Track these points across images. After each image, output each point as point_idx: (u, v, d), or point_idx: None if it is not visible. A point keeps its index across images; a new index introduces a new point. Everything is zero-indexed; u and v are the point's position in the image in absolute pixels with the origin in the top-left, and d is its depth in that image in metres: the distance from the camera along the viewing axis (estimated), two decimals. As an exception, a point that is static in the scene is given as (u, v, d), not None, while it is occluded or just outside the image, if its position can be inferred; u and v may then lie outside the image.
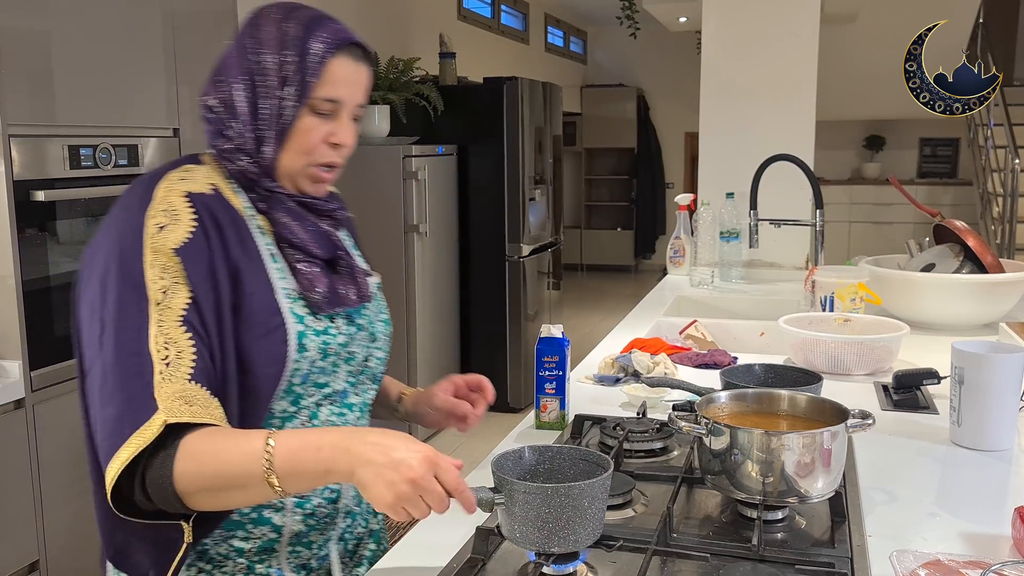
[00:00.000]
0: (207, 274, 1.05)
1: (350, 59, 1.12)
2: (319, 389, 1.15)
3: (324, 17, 1.14)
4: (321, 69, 1.10)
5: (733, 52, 3.32)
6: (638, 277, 10.06)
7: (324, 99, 1.11)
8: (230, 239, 1.09)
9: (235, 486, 0.97)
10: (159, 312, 1.01)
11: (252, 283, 1.09)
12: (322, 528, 1.17)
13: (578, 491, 0.95)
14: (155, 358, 1.00)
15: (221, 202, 1.11)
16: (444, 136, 4.89)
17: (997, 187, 7.12)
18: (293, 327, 1.10)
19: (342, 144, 1.15)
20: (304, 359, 1.11)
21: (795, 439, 1.08)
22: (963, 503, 1.25)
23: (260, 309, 1.08)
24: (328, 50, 1.10)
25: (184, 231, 1.05)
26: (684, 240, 3.20)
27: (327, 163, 1.15)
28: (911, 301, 2.30)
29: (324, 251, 1.16)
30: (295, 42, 1.10)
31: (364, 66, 1.15)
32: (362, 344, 1.21)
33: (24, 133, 2.22)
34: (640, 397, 1.63)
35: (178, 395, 0.99)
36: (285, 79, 1.09)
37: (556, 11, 9.12)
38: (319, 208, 1.18)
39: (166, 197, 1.07)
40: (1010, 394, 1.41)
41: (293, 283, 1.13)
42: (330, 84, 1.11)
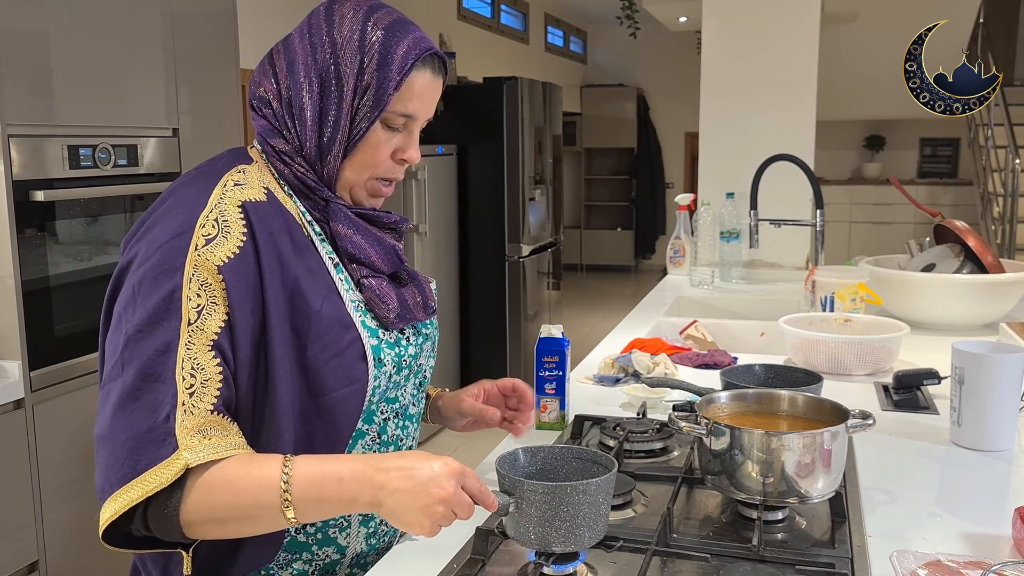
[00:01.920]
0: (251, 296, 0.97)
1: (430, 72, 1.06)
2: (390, 405, 1.11)
3: (405, 21, 1.06)
4: (402, 82, 1.03)
5: (733, 52, 3.32)
6: (638, 277, 10.06)
7: (399, 114, 1.05)
8: (286, 253, 1.01)
9: (246, 517, 0.92)
10: (190, 333, 0.94)
11: (316, 298, 1.01)
12: (380, 549, 1.15)
13: (595, 487, 0.95)
14: (180, 387, 0.92)
15: (276, 210, 1.03)
16: (444, 136, 4.89)
17: (997, 187, 7.12)
18: (368, 341, 1.04)
19: (411, 162, 1.10)
20: (382, 375, 1.06)
21: (795, 439, 1.08)
22: (963, 503, 1.25)
23: (330, 326, 1.01)
24: (411, 61, 1.03)
25: (232, 246, 0.97)
26: (684, 240, 3.19)
27: (392, 177, 1.10)
28: (911, 301, 2.29)
29: (390, 266, 1.11)
30: (376, 48, 1.01)
31: (441, 79, 1.09)
32: (428, 355, 1.18)
33: (23, 133, 2.22)
34: (640, 397, 1.63)
35: (198, 429, 0.92)
36: (362, 89, 1.02)
37: (556, 11, 9.11)
38: (381, 221, 1.11)
39: (219, 204, 0.99)
40: (1010, 394, 1.41)
41: (359, 295, 1.07)
42: (408, 99, 1.04)
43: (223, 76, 3.00)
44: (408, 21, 1.07)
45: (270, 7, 4.20)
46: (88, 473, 2.41)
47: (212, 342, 0.95)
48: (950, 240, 2.44)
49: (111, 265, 2.53)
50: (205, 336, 0.94)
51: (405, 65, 1.02)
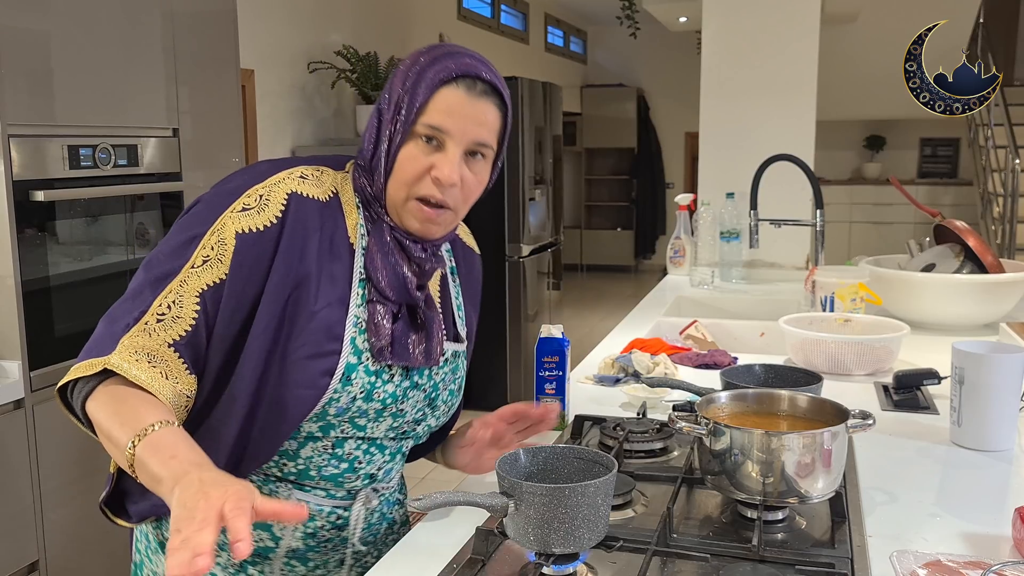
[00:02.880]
0: (254, 272, 1.04)
1: (466, 91, 1.08)
2: (355, 429, 1.12)
3: (462, 52, 1.10)
4: (430, 95, 1.06)
5: (733, 52, 3.32)
6: (638, 277, 10.06)
7: (427, 126, 1.07)
8: (312, 250, 1.06)
9: (108, 439, 0.98)
10: (187, 274, 1.03)
11: (322, 300, 1.06)
12: (322, 551, 1.16)
13: (594, 489, 0.95)
14: (152, 308, 1.02)
15: (329, 212, 1.10)
16: (444, 136, 4.88)
17: (997, 187, 7.12)
18: (346, 358, 1.07)
19: (442, 179, 1.07)
20: (345, 393, 1.08)
21: (795, 439, 1.08)
22: (963, 503, 1.25)
23: (321, 329, 1.06)
24: (441, 77, 1.07)
25: (260, 222, 1.05)
26: (684, 240, 3.19)
27: (426, 196, 1.09)
28: (911, 301, 2.29)
29: (397, 296, 1.12)
30: (418, 71, 1.08)
31: (487, 103, 1.10)
32: (416, 405, 1.17)
33: (24, 133, 2.22)
34: (640, 397, 1.63)
35: (146, 351, 1.00)
36: (400, 107, 1.07)
37: (556, 11, 9.12)
38: (410, 252, 1.13)
39: (274, 186, 1.07)
40: (1010, 394, 1.41)
41: (366, 314, 1.10)
42: (435, 111, 1.06)
43: (223, 76, 3.00)
44: (468, 54, 1.10)
45: (270, 7, 4.20)
46: (88, 473, 2.41)
47: (201, 291, 1.03)
48: (950, 240, 2.44)
49: (111, 265, 2.54)
50: (199, 282, 1.03)
51: (435, 81, 1.06)
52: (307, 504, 1.13)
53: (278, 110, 4.34)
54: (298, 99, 4.51)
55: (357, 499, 1.17)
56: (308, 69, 4.49)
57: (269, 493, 1.13)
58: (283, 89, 4.36)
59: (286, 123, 4.43)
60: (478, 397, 5.25)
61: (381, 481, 1.20)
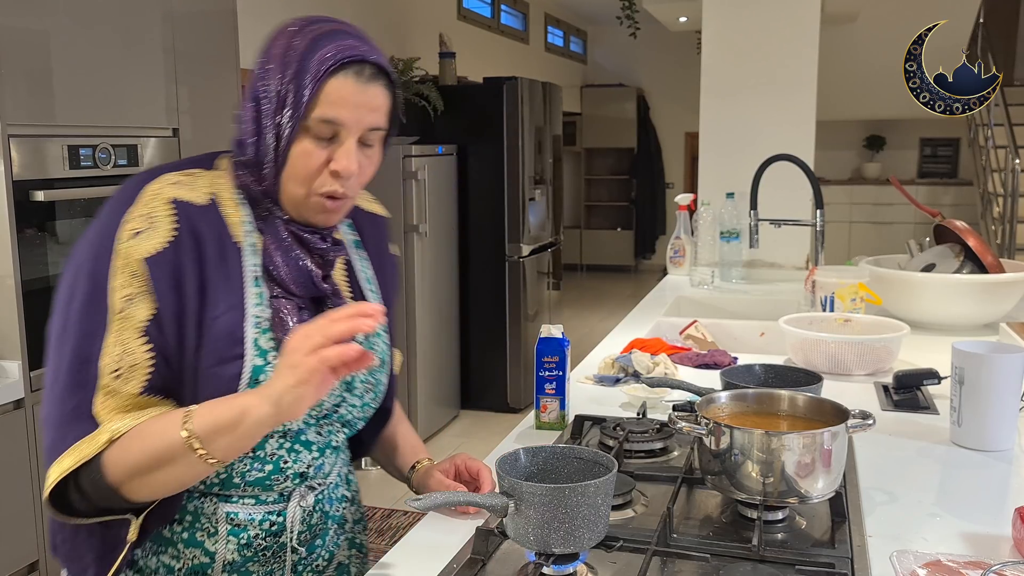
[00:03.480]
0: (175, 285, 1.00)
1: (355, 78, 1.02)
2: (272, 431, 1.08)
3: (338, 31, 1.05)
4: (318, 87, 1.01)
5: (733, 52, 3.32)
6: (638, 277, 10.06)
7: (321, 120, 1.02)
8: (208, 256, 1.03)
9: (162, 463, 0.96)
10: (119, 321, 0.99)
11: (221, 305, 1.03)
12: (261, 560, 1.12)
13: (593, 489, 0.95)
14: (105, 370, 0.98)
15: (212, 215, 1.05)
16: (444, 136, 4.89)
17: (997, 187, 7.11)
18: (251, 361, 1.04)
19: (342, 172, 1.04)
20: None
21: (795, 439, 1.08)
22: (963, 503, 1.25)
23: (222, 336, 1.03)
24: (327, 67, 1.01)
25: (160, 240, 1.00)
26: (684, 240, 3.19)
27: (329, 193, 1.06)
28: (911, 301, 2.29)
29: (303, 290, 1.09)
30: (297, 57, 1.02)
31: (377, 87, 1.05)
32: (333, 391, 1.13)
33: (23, 133, 2.22)
34: (640, 397, 1.63)
35: (122, 409, 0.98)
36: (283, 101, 1.02)
37: (556, 11, 9.12)
38: (311, 244, 1.09)
39: (150, 201, 1.02)
40: (1010, 394, 1.41)
41: (269, 312, 1.06)
42: (327, 104, 1.01)
43: (223, 76, 3.00)
44: (344, 31, 1.05)
45: (270, 7, 4.20)
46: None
47: (142, 329, 0.99)
48: (950, 240, 2.44)
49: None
50: (134, 323, 0.99)
51: (320, 71, 1.01)
52: (237, 516, 1.10)
53: (278, 110, 4.33)
54: (298, 99, 4.50)
55: (291, 500, 1.13)
56: (308, 69, 4.48)
57: (193, 510, 1.09)
58: (283, 89, 4.36)
59: (286, 123, 4.42)
60: (478, 397, 5.28)
61: (314, 478, 1.16)
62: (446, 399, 4.88)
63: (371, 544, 1.36)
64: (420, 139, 4.73)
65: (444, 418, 4.85)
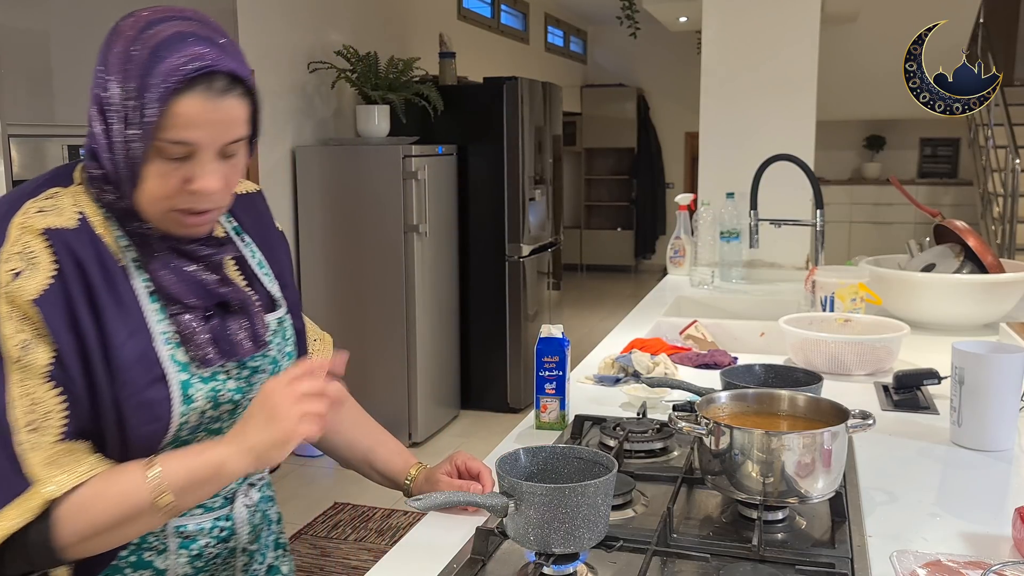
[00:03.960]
0: (70, 322, 0.93)
1: (204, 95, 0.92)
2: (212, 435, 1.05)
3: (180, 35, 0.93)
4: (163, 109, 0.91)
5: (733, 52, 3.32)
6: (638, 277, 10.06)
7: (171, 142, 0.93)
8: (96, 282, 0.95)
9: (125, 521, 0.93)
10: (19, 371, 0.92)
11: (122, 332, 0.96)
12: (212, 570, 1.10)
13: (593, 489, 0.95)
14: (18, 424, 0.91)
15: (87, 237, 0.97)
16: (444, 136, 4.89)
17: (997, 187, 7.12)
18: (176, 377, 0.99)
19: (202, 191, 0.96)
20: (192, 411, 1.01)
21: (795, 439, 1.08)
22: (963, 503, 1.25)
23: (135, 361, 0.96)
24: (169, 86, 0.90)
25: (43, 277, 0.92)
26: (684, 240, 3.19)
27: (190, 209, 0.98)
28: (911, 301, 2.29)
29: (202, 300, 1.02)
30: (137, 71, 0.91)
31: (231, 99, 0.95)
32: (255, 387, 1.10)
33: (23, 133, 2.22)
34: (640, 397, 1.63)
35: (48, 461, 0.92)
36: (127, 117, 0.92)
37: (556, 11, 9.12)
38: (194, 254, 1.03)
39: (20, 237, 0.94)
40: (1010, 394, 1.41)
41: (175, 327, 1.00)
42: (176, 126, 0.92)
43: (223, 76, 3.00)
44: (187, 34, 0.94)
45: (270, 7, 4.20)
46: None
47: (47, 375, 0.93)
48: (950, 240, 2.44)
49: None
50: (36, 370, 0.92)
51: (165, 91, 0.91)
52: (186, 528, 1.07)
53: (278, 110, 4.34)
54: (298, 99, 4.51)
55: (236, 501, 1.11)
56: (308, 69, 4.49)
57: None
58: (283, 89, 4.37)
59: (286, 123, 4.43)
60: (478, 397, 5.28)
61: (255, 474, 1.14)
62: (446, 399, 4.88)
63: (371, 544, 1.35)
64: (420, 139, 4.73)
65: (444, 418, 4.85)
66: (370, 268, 4.48)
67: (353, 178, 4.45)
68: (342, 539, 3.42)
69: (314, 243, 4.52)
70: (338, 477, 4.07)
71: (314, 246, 4.52)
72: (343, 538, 3.43)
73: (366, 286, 4.50)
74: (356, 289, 4.52)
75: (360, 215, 4.46)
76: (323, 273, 4.53)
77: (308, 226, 4.52)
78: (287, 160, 4.46)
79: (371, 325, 4.51)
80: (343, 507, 3.68)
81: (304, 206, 4.52)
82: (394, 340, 4.49)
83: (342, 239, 4.50)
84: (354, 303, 4.53)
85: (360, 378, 4.53)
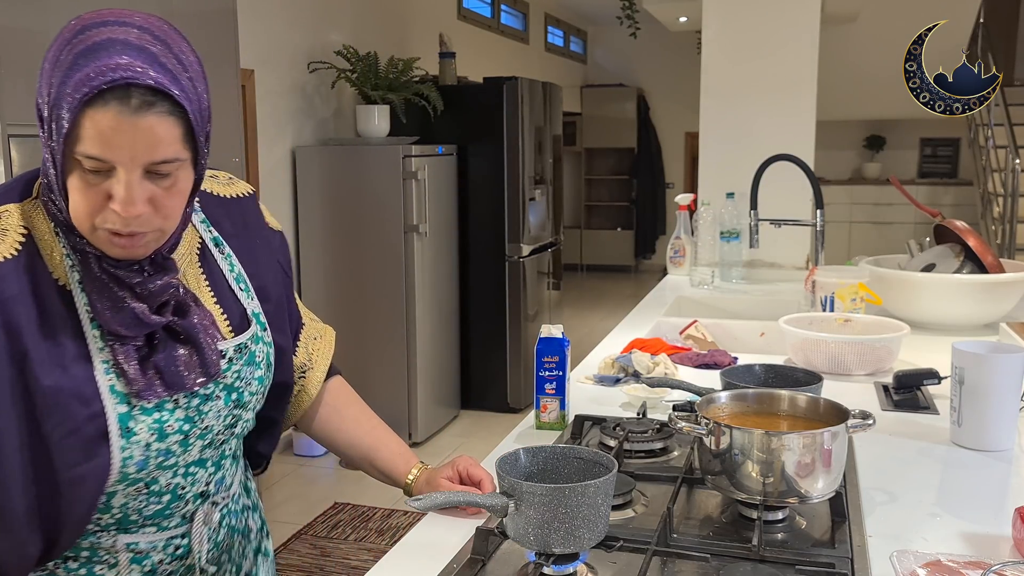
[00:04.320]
0: None
1: (119, 109, 0.84)
2: (163, 470, 0.99)
3: (107, 44, 0.85)
4: (73, 120, 0.84)
5: (733, 52, 3.32)
6: (638, 277, 10.06)
7: (84, 156, 0.85)
8: (19, 321, 0.89)
9: None
10: None
11: (52, 369, 0.89)
12: None
13: (593, 489, 0.95)
14: None
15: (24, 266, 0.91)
16: (444, 136, 4.89)
17: (998, 187, 7.12)
18: (114, 409, 0.91)
19: (120, 213, 0.87)
20: (134, 445, 0.93)
21: (795, 439, 1.08)
22: (963, 503, 1.25)
23: (65, 401, 0.89)
24: (81, 97, 0.83)
25: None
26: (684, 240, 3.20)
27: (114, 231, 0.89)
28: (911, 301, 2.30)
29: (134, 331, 0.93)
30: (59, 78, 0.85)
31: (152, 116, 0.85)
32: (221, 414, 1.02)
33: (23, 133, 2.22)
34: (640, 397, 1.63)
35: None
36: (50, 125, 0.87)
37: (556, 11, 9.12)
38: (124, 279, 0.93)
39: None
40: (1010, 394, 1.41)
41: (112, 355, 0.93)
42: (87, 139, 0.85)
43: (223, 76, 3.00)
44: (120, 43, 0.85)
45: (270, 7, 4.20)
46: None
47: None
48: (950, 240, 2.44)
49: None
50: None
51: (76, 102, 0.84)
52: (137, 545, 1.01)
53: (278, 110, 4.34)
54: (298, 99, 4.51)
55: (194, 521, 1.05)
56: (308, 69, 4.49)
57: (89, 546, 0.99)
58: (283, 89, 4.37)
59: (286, 123, 4.43)
60: (478, 397, 5.28)
61: (217, 494, 1.08)
62: (446, 399, 4.88)
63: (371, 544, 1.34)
64: (420, 139, 4.74)
65: (444, 418, 4.85)
66: (370, 268, 4.48)
67: (353, 178, 4.45)
68: (342, 539, 3.42)
69: (314, 243, 4.52)
70: (338, 477, 4.07)
71: (314, 246, 4.52)
72: (343, 538, 3.43)
73: (366, 286, 4.50)
74: (356, 289, 4.52)
75: (360, 215, 4.46)
76: (323, 273, 4.53)
77: (308, 226, 4.52)
78: (287, 160, 4.46)
79: (371, 325, 4.51)
80: (343, 507, 3.68)
81: (304, 206, 4.52)
82: (394, 340, 4.49)
83: (342, 239, 4.50)
84: (354, 303, 4.53)
85: (360, 378, 4.53)
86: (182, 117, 0.88)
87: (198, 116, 0.91)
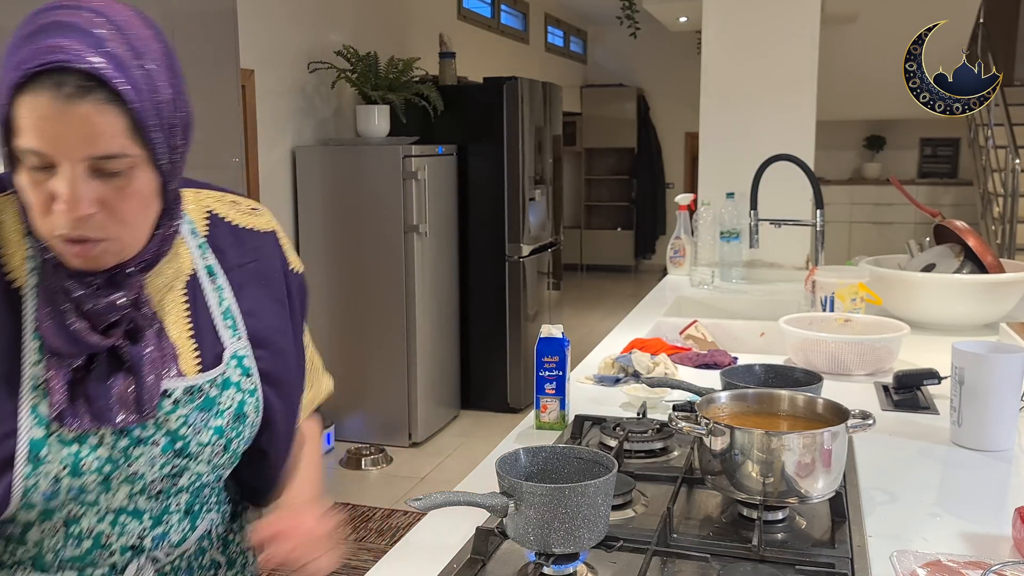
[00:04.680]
0: None
1: (52, 95, 0.76)
2: (85, 507, 0.90)
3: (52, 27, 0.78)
4: (9, 107, 0.78)
5: (733, 52, 3.32)
6: (638, 277, 10.06)
7: (22, 149, 0.79)
8: None
9: None
10: None
11: None
12: None
13: (593, 489, 0.95)
14: None
15: None
16: (444, 136, 4.89)
17: (998, 187, 7.11)
18: (29, 433, 0.83)
19: (64, 212, 0.79)
20: (41, 475, 0.84)
21: (795, 439, 1.08)
22: (963, 503, 1.25)
23: None
24: (14, 80, 0.76)
25: None
26: (684, 240, 3.20)
27: (63, 236, 0.82)
28: (911, 301, 2.30)
29: (69, 349, 0.85)
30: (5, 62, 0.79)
31: (89, 104, 0.77)
32: (156, 461, 0.91)
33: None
34: (640, 397, 1.63)
35: None
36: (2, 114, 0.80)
37: (556, 11, 9.12)
38: (69, 291, 0.85)
39: None
40: (1010, 394, 1.41)
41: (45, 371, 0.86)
42: (21, 129, 0.78)
43: (223, 76, 3.00)
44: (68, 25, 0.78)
45: (270, 7, 4.20)
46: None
47: None
48: (950, 240, 2.44)
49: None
50: None
51: (9, 86, 0.77)
52: None
53: (278, 110, 4.34)
54: (298, 99, 4.51)
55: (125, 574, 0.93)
56: (308, 69, 4.49)
57: None
58: (283, 89, 4.37)
59: (286, 123, 4.43)
60: (478, 397, 5.28)
61: (157, 550, 0.95)
62: (446, 399, 4.88)
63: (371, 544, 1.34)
64: (420, 139, 4.74)
65: (444, 418, 4.85)
66: (370, 268, 4.48)
67: (353, 178, 4.45)
68: (342, 539, 3.42)
69: (314, 243, 4.52)
70: (338, 477, 4.07)
71: (314, 246, 4.52)
72: (343, 538, 3.43)
73: (366, 286, 4.50)
74: (356, 289, 4.52)
75: (360, 215, 4.46)
76: (323, 273, 4.53)
77: (308, 226, 4.52)
78: (287, 160, 4.46)
79: (371, 325, 4.51)
80: (343, 507, 3.68)
81: (304, 206, 4.52)
82: (394, 340, 4.49)
83: (342, 239, 4.50)
84: (354, 303, 4.53)
85: (360, 378, 4.54)
86: (124, 108, 0.79)
87: (151, 109, 0.81)
